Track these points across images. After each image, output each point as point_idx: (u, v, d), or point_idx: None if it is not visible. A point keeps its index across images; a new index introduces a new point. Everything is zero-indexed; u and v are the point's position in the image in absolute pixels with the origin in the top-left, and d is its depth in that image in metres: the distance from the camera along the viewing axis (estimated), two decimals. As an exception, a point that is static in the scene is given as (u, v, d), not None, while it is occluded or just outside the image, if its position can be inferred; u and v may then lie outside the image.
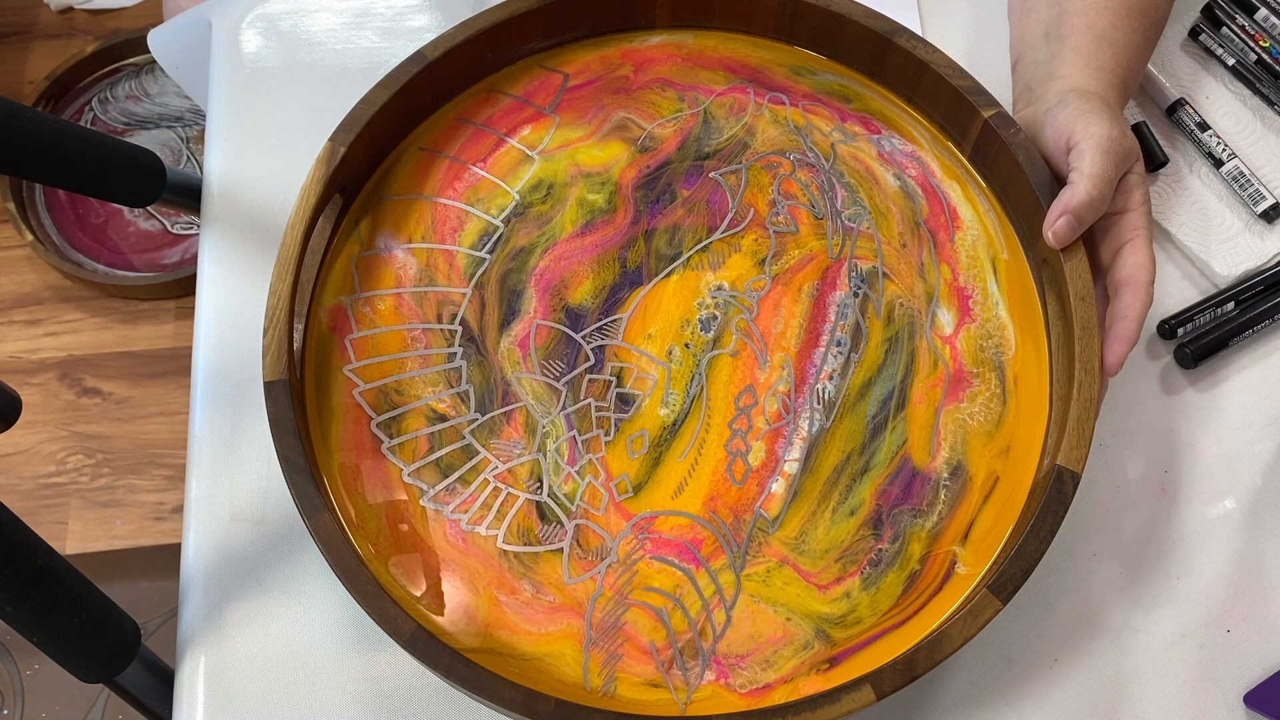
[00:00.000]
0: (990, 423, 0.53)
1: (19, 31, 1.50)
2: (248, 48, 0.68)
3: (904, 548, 0.51)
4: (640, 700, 0.48)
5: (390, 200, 0.57)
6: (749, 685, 0.48)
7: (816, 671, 0.49)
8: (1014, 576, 0.47)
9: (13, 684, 1.15)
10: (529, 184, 0.57)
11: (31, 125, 0.67)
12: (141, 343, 1.32)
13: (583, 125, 0.59)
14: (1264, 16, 0.67)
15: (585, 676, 0.48)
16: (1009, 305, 0.55)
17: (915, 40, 0.57)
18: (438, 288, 0.55)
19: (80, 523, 1.23)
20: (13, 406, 0.61)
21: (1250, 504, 0.58)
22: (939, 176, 0.58)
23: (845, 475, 0.52)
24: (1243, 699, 0.54)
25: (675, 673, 0.49)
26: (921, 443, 0.53)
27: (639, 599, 0.50)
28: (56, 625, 0.55)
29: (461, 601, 0.49)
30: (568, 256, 0.56)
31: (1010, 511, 0.51)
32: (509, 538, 0.51)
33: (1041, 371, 0.54)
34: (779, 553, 0.51)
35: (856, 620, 0.50)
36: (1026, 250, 0.56)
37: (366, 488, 0.51)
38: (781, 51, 0.61)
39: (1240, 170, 0.63)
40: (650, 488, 0.52)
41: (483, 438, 0.52)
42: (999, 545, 0.51)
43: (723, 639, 0.49)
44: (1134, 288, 0.51)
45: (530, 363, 0.54)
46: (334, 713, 0.52)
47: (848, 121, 0.60)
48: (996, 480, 0.52)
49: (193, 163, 1.42)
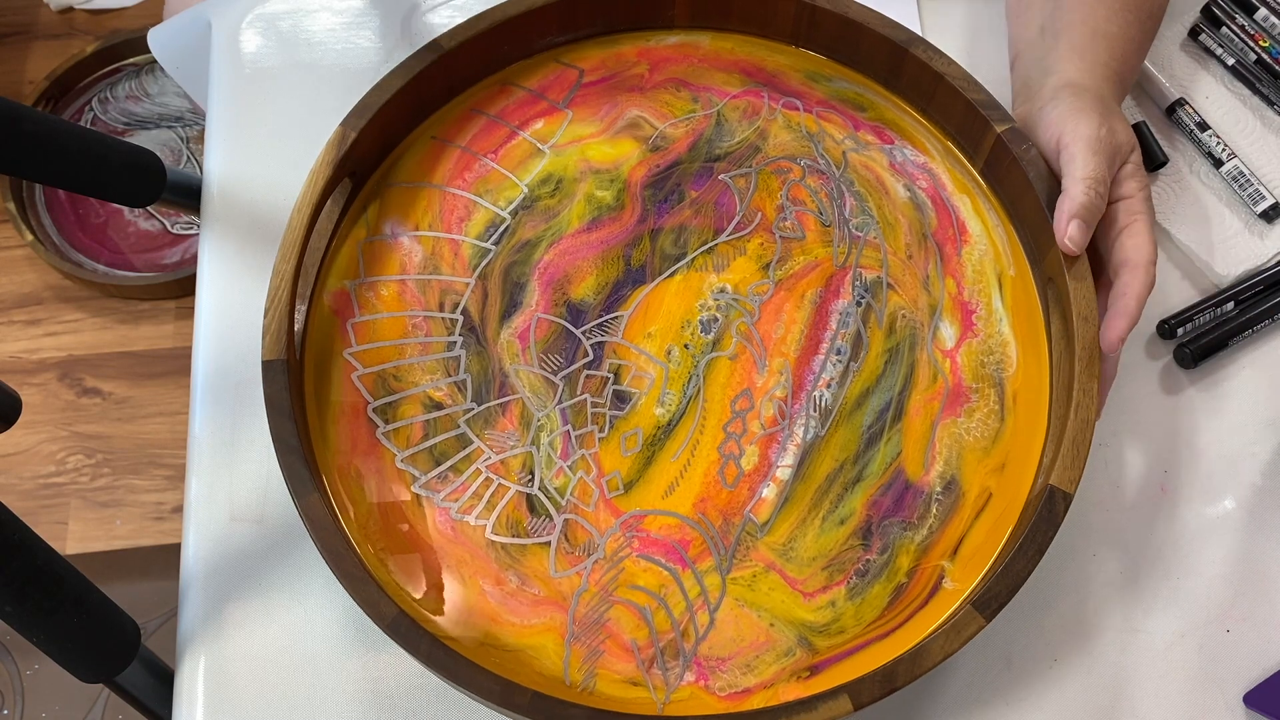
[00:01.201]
0: (987, 439, 0.53)
1: (19, 31, 1.50)
2: (248, 47, 0.68)
3: (892, 560, 0.51)
4: (618, 698, 0.48)
5: (399, 187, 0.57)
6: (728, 689, 0.48)
7: (797, 679, 0.48)
8: (999, 594, 0.46)
9: (13, 684, 1.14)
10: (538, 177, 0.58)
11: (31, 125, 0.67)
12: (141, 343, 1.32)
13: (595, 121, 0.59)
14: (1264, 16, 0.67)
15: (565, 671, 0.48)
16: (1012, 322, 0.55)
17: (931, 51, 0.56)
18: (441, 276, 0.55)
19: (80, 523, 1.23)
20: (13, 406, 0.60)
21: (1250, 504, 0.58)
22: (949, 189, 0.58)
23: (837, 484, 0.52)
24: (1243, 699, 0.54)
25: (655, 672, 0.49)
26: (916, 455, 0.53)
27: (623, 596, 0.50)
28: (56, 625, 0.55)
29: (448, 589, 0.49)
30: (572, 251, 0.56)
31: (1001, 528, 0.51)
32: (498, 528, 0.51)
33: (1041, 390, 0.54)
34: (766, 558, 0.51)
35: (840, 630, 0.49)
36: (1033, 267, 0.56)
37: (361, 474, 0.51)
38: (797, 57, 0.61)
39: (1240, 170, 0.63)
40: (641, 486, 0.52)
41: (477, 428, 0.52)
42: (988, 562, 0.50)
43: (705, 641, 0.49)
44: (1133, 267, 0.51)
45: (529, 355, 0.54)
46: (334, 713, 0.52)
47: (861, 130, 0.59)
48: (990, 497, 0.52)
49: (193, 163, 1.41)
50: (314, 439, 0.51)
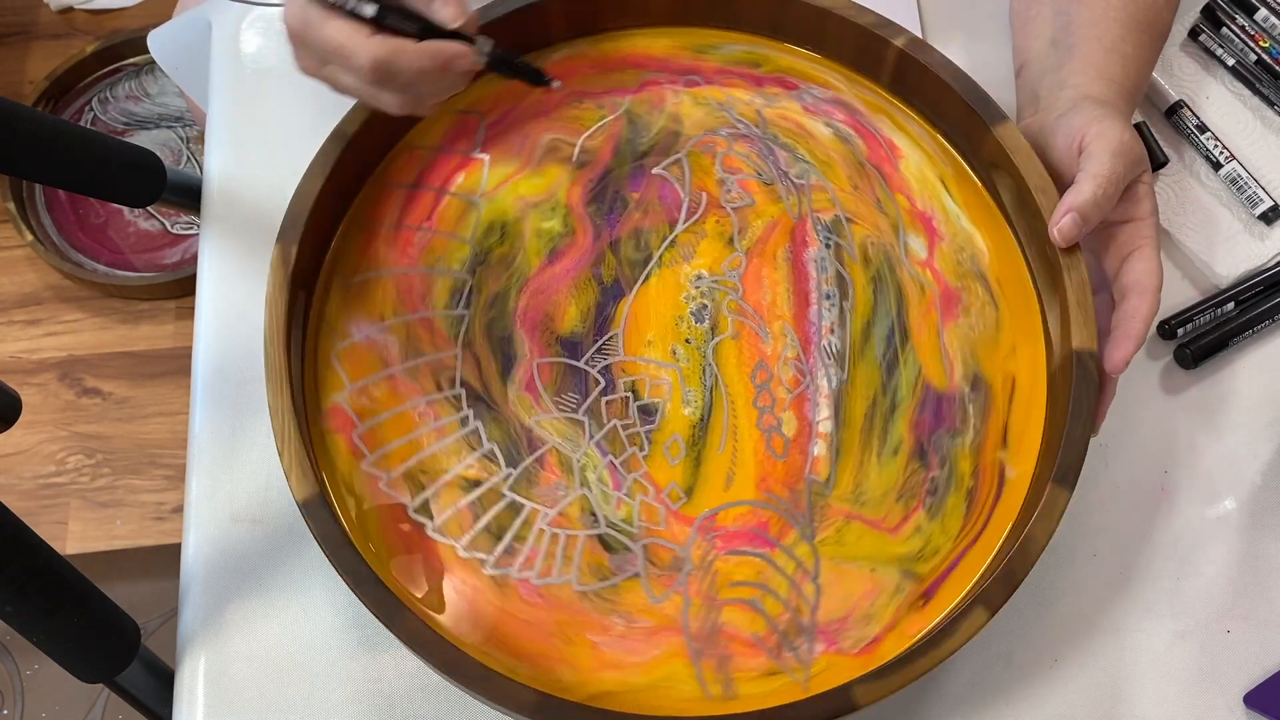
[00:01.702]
0: (990, 329, 0.55)
1: (19, 31, 1.51)
2: (248, 48, 0.68)
3: (954, 469, 0.52)
4: (764, 692, 0.48)
5: (351, 284, 0.55)
6: (858, 644, 0.49)
7: (915, 610, 0.50)
8: (1072, 464, 0.48)
9: (13, 684, 1.15)
10: (481, 230, 0.56)
11: (31, 125, 0.67)
12: (141, 343, 1.33)
13: (514, 158, 0.58)
14: (1264, 17, 0.66)
15: (703, 687, 0.48)
16: (970, 216, 0.57)
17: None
18: (426, 357, 0.54)
19: (80, 523, 1.23)
20: (13, 407, 0.59)
21: (1250, 504, 0.58)
22: (865, 114, 0.60)
23: (877, 418, 0.53)
24: (1243, 699, 0.54)
25: (787, 655, 0.49)
26: (935, 366, 0.54)
27: (728, 596, 0.50)
28: (56, 625, 0.55)
29: (560, 654, 0.48)
30: (544, 290, 0.55)
31: (1036, 407, 0.53)
32: (583, 579, 0.50)
33: (1019, 268, 0.56)
34: (842, 510, 0.51)
35: (935, 550, 0.51)
36: (970, 161, 0.58)
37: (427, 580, 0.49)
38: (680, 35, 0.61)
39: (1238, 173, 0.63)
40: (701, 488, 0.52)
41: (523, 490, 0.51)
42: (1038, 440, 0.53)
43: (818, 609, 0.50)
44: (1140, 292, 0.51)
45: (544, 403, 0.53)
46: (334, 713, 0.52)
47: (764, 85, 0.60)
48: (1014, 381, 0.54)
49: (193, 163, 1.42)
50: (372, 562, 0.49)
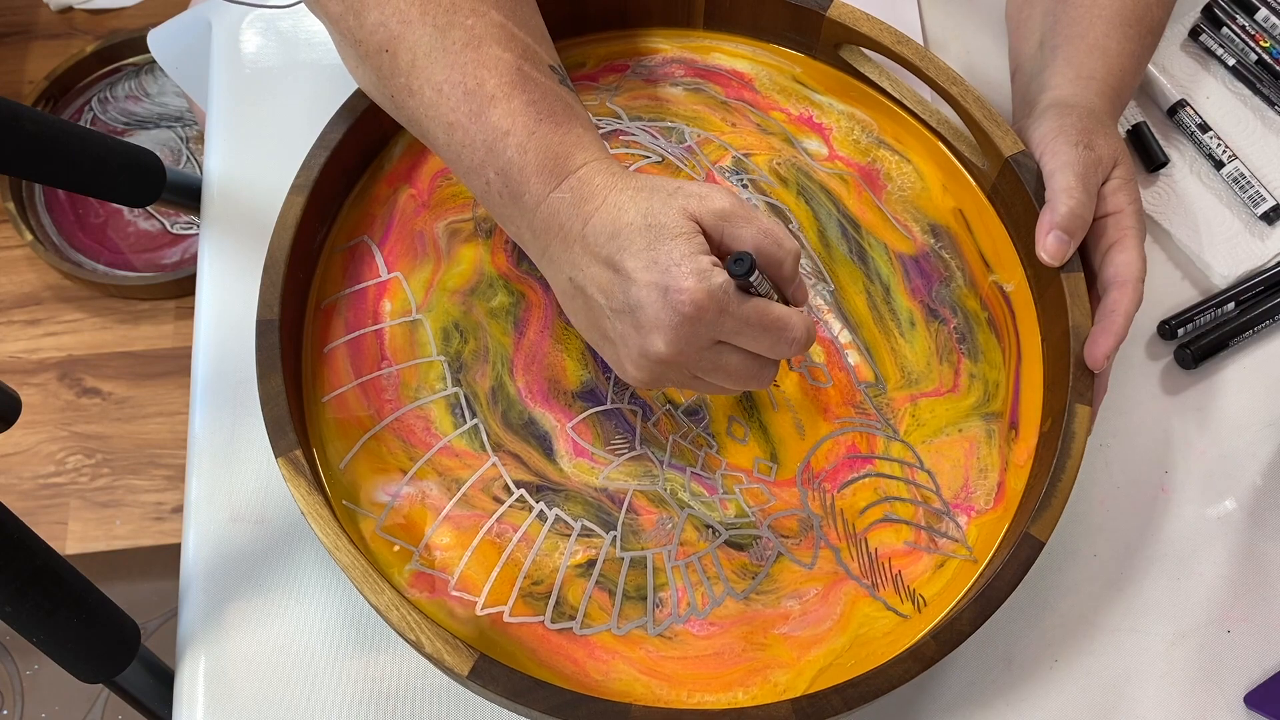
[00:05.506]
0: (916, 181, 0.58)
1: (19, 31, 1.50)
2: (248, 48, 0.67)
3: (965, 310, 0.55)
4: (945, 585, 0.50)
5: (351, 461, 0.51)
6: (989, 497, 0.52)
7: (1010, 442, 0.53)
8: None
9: (13, 684, 1.14)
10: (439, 341, 0.54)
11: (31, 125, 0.67)
12: (141, 343, 1.32)
13: (424, 261, 0.56)
14: (1264, 16, 0.66)
15: (897, 613, 0.49)
16: (840, 98, 0.60)
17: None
18: (466, 482, 0.51)
19: (80, 523, 1.23)
20: (12, 407, 0.58)
21: (1250, 504, 0.58)
22: (700, 60, 0.61)
23: (880, 304, 0.55)
24: (1243, 699, 0.54)
25: (943, 542, 0.51)
26: (895, 236, 0.57)
27: (865, 524, 0.51)
28: (56, 625, 0.55)
29: (764, 663, 0.48)
30: (532, 361, 0.54)
31: (989, 217, 0.57)
32: (736, 585, 0.49)
33: (899, 116, 0.59)
34: (904, 397, 0.53)
35: (995, 385, 0.54)
36: (808, 51, 0.61)
37: (608, 674, 0.47)
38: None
39: (1240, 172, 0.63)
40: (781, 450, 0.52)
41: (636, 544, 0.50)
42: (1012, 247, 0.56)
43: (941, 489, 0.52)
44: (1120, 285, 0.51)
45: (600, 458, 0.52)
46: (334, 713, 0.51)
47: (599, 79, 0.60)
48: (961, 211, 0.57)
49: (193, 163, 1.41)
50: (566, 687, 0.46)
